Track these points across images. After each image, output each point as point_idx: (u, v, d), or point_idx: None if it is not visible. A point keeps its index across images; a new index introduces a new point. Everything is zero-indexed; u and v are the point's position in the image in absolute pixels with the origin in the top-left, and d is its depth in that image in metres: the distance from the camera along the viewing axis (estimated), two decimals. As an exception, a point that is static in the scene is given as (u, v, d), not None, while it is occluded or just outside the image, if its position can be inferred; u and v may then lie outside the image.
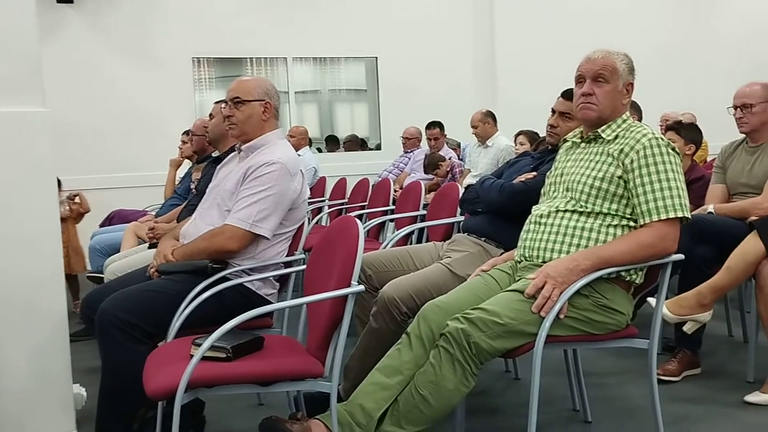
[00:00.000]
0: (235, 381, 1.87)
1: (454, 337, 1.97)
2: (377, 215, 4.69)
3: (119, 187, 6.43)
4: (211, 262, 2.44)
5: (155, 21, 6.81)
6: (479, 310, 2.02)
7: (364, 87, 7.98)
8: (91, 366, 2.96)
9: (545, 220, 2.26)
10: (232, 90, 2.66)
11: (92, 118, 6.56)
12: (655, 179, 2.13)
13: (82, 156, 6.32)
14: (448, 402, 1.99)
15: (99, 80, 6.64)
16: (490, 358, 2.01)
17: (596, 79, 2.27)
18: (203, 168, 3.67)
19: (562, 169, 2.36)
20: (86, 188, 5.58)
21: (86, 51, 6.61)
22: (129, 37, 6.76)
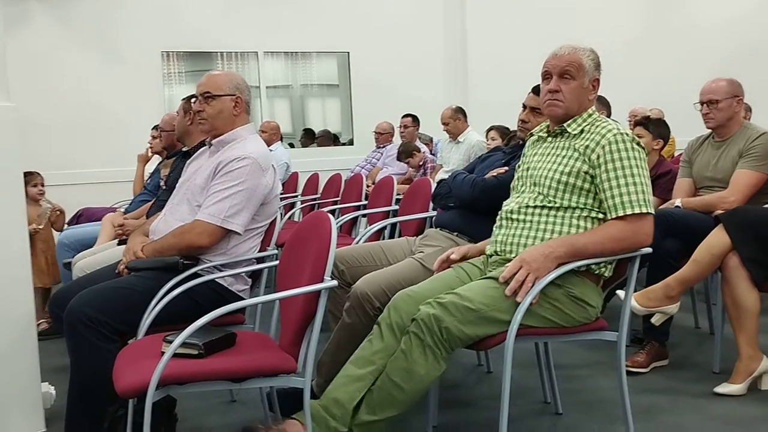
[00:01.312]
0: (207, 378, 1.86)
1: (425, 322, 1.99)
2: (350, 210, 4.68)
3: (86, 183, 6.33)
4: (181, 258, 2.41)
5: (123, 14, 6.70)
6: (452, 295, 2.04)
7: (336, 82, 7.95)
8: (60, 364, 2.92)
9: (515, 216, 2.28)
10: (203, 84, 2.64)
11: (58, 113, 6.44)
12: (620, 174, 2.15)
13: (47, 152, 6.19)
14: (421, 386, 2.01)
15: (65, 74, 6.52)
16: (460, 344, 2.03)
17: (562, 76, 2.29)
18: (172, 163, 3.63)
19: (529, 163, 2.38)
20: (52, 184, 5.49)
21: (51, 44, 6.49)
22: (96, 30, 6.65)
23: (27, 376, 2.57)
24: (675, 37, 8.47)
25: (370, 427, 2.01)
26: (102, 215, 4.44)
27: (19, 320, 2.55)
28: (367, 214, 4.43)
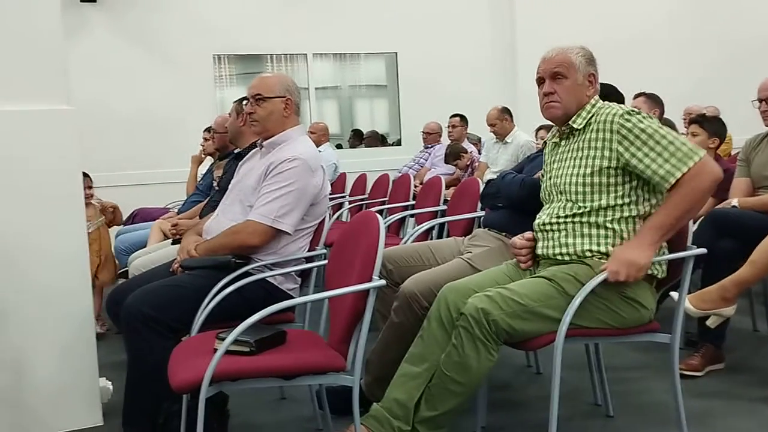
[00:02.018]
0: (258, 375, 1.89)
1: (473, 315, 1.99)
2: (397, 210, 4.69)
3: (141, 184, 6.49)
4: (233, 257, 2.46)
5: (176, 19, 6.86)
6: (501, 288, 2.05)
7: (384, 82, 7.98)
8: (117, 360, 3.01)
9: (548, 227, 2.25)
10: (254, 87, 2.68)
11: (114, 115, 6.62)
12: (652, 144, 2.08)
13: (105, 154, 6.37)
14: (476, 378, 2.03)
15: (121, 78, 6.70)
16: (508, 337, 2.03)
17: (555, 78, 2.28)
18: (225, 164, 3.70)
19: (550, 172, 2.36)
20: (109, 185, 5.68)
21: (109, 49, 6.68)
22: (151, 36, 6.82)
23: (86, 371, 2.66)
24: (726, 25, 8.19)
25: (433, 421, 2.04)
26: (156, 215, 4.56)
27: (78, 317, 2.64)
28: (415, 215, 4.43)
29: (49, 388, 2.60)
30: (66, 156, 2.57)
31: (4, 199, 2.49)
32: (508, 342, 2.07)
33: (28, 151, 2.52)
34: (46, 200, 2.54)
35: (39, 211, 2.54)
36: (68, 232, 2.59)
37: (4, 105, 2.48)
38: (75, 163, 2.60)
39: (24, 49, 2.50)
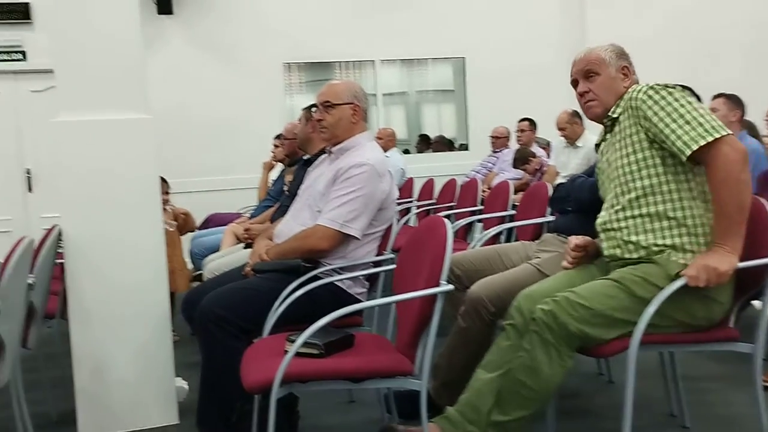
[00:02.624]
0: (327, 377, 1.92)
1: (543, 320, 1.98)
2: (465, 215, 4.67)
3: (215, 190, 6.68)
4: (303, 261, 2.51)
5: (248, 29, 7.03)
6: (567, 293, 2.02)
7: (452, 87, 7.96)
8: (192, 361, 3.10)
9: (609, 226, 2.19)
10: (323, 94, 2.73)
11: (190, 123, 6.83)
12: (675, 117, 2.02)
13: (181, 160, 6.58)
14: (548, 385, 2.00)
15: (195, 87, 6.91)
16: (579, 342, 1.99)
17: (587, 76, 2.28)
18: (294, 170, 3.77)
19: (601, 167, 2.33)
20: (184, 191, 5.87)
21: (184, 59, 6.90)
22: (224, 45, 7.01)
23: (162, 370, 2.76)
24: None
25: (504, 427, 2.02)
26: (229, 220, 4.68)
27: (155, 319, 2.73)
28: (483, 219, 4.40)
29: (128, 386, 2.70)
30: (145, 163, 2.68)
31: (87, 204, 2.61)
32: (579, 348, 2.03)
33: (111, 158, 2.63)
34: (126, 205, 2.65)
35: (119, 215, 2.65)
36: (146, 235, 2.70)
37: (89, 115, 2.60)
38: (153, 169, 2.70)
39: (107, 62, 2.62)
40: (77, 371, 2.64)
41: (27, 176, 6.65)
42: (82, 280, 2.63)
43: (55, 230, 2.74)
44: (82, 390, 2.65)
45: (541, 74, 7.63)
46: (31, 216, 6.64)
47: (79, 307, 2.64)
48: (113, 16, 2.63)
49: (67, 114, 2.60)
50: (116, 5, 2.63)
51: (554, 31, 7.75)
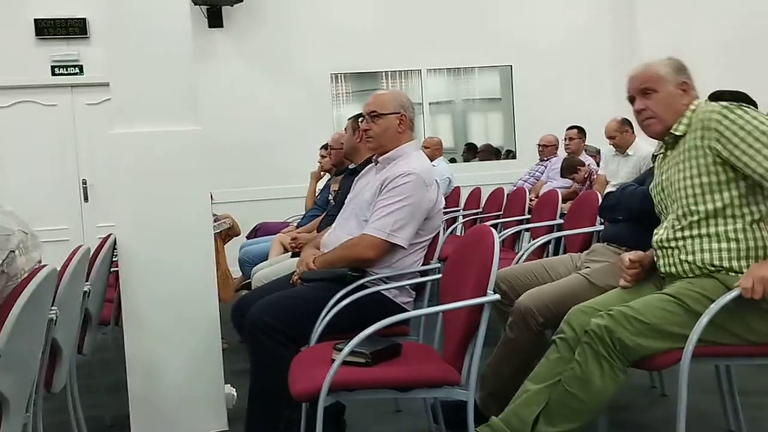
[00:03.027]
0: (374, 386, 1.92)
1: (596, 333, 1.94)
2: (512, 225, 4.63)
3: (263, 199, 6.77)
4: (349, 270, 2.52)
5: (297, 40, 7.12)
6: (623, 307, 1.98)
7: (499, 96, 7.91)
8: (241, 368, 3.14)
9: (667, 244, 2.14)
10: (369, 104, 2.75)
11: (238, 134, 6.94)
12: (751, 141, 1.95)
13: (230, 170, 6.70)
14: (599, 399, 1.97)
15: (244, 98, 7.03)
16: (635, 355, 1.95)
17: (644, 93, 2.21)
18: (341, 180, 3.80)
19: (661, 184, 2.25)
20: (234, 201, 5.97)
21: (234, 71, 7.03)
22: (272, 57, 7.12)
23: (212, 378, 2.80)
24: None
25: None
26: (277, 229, 4.74)
27: (206, 327, 2.78)
28: (531, 229, 4.36)
29: (179, 393, 2.75)
30: (196, 173, 2.73)
31: (140, 214, 2.68)
32: (634, 362, 1.99)
33: (163, 168, 2.69)
34: (177, 215, 2.71)
35: (171, 224, 2.70)
36: (197, 244, 2.75)
37: (143, 127, 2.67)
38: (204, 179, 2.76)
39: (160, 75, 2.69)
40: (131, 377, 2.71)
41: (83, 187, 6.86)
42: (135, 288, 2.69)
43: (110, 239, 2.81)
44: (135, 395, 2.71)
45: (591, 81, 7.53)
46: (87, 225, 6.84)
47: (133, 315, 2.70)
48: (166, 31, 2.69)
49: (121, 126, 2.68)
50: (169, 20, 2.70)
51: (604, 37, 7.65)
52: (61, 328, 2.07)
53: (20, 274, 1.80)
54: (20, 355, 1.75)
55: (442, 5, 7.35)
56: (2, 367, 1.61)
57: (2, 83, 6.58)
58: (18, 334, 1.66)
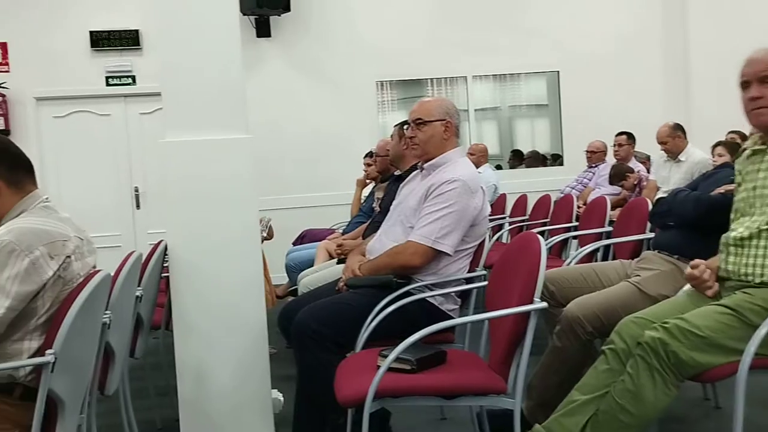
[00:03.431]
0: (419, 392, 1.92)
1: (650, 345, 1.90)
2: (560, 232, 4.57)
3: (310, 206, 6.83)
4: (395, 277, 2.52)
5: (343, 49, 7.18)
6: (678, 320, 1.93)
7: (545, 102, 7.84)
8: (288, 374, 3.17)
9: (747, 242, 2.07)
10: (414, 112, 2.75)
11: (285, 141, 7.03)
12: None
13: (277, 178, 6.79)
14: (649, 413, 1.92)
15: (291, 106, 7.12)
16: (690, 370, 1.91)
17: (763, 81, 2.09)
18: (386, 186, 3.81)
19: (754, 182, 2.15)
20: (281, 208, 6.04)
21: (281, 79, 7.13)
22: (319, 65, 7.19)
23: (260, 383, 2.82)
24: None
25: None
26: (323, 236, 4.77)
27: (253, 333, 2.81)
28: (578, 236, 4.29)
29: (227, 396, 2.78)
30: (244, 180, 2.77)
31: (190, 220, 2.73)
32: (689, 375, 1.94)
33: (212, 176, 2.74)
34: (226, 221, 2.75)
35: (220, 230, 2.74)
36: (245, 250, 2.78)
37: (193, 135, 2.72)
38: (252, 186, 2.79)
39: (210, 85, 2.74)
40: (180, 381, 2.75)
41: (135, 194, 7.04)
42: (184, 293, 2.74)
43: (161, 245, 2.88)
44: (184, 399, 2.76)
45: (640, 86, 7.40)
46: (139, 232, 7.01)
47: (182, 319, 2.75)
48: (216, 42, 2.75)
49: (173, 134, 2.73)
50: (219, 31, 2.75)
51: (654, 41, 7.51)
52: (114, 332, 2.12)
53: (76, 278, 1.85)
54: (75, 358, 1.80)
55: (487, 12, 7.32)
56: (58, 369, 1.66)
57: (59, 93, 6.82)
58: (73, 337, 1.71)
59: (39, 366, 1.67)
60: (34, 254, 1.74)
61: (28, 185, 1.93)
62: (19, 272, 1.72)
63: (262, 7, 6.69)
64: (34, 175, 1.97)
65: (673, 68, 7.48)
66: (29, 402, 1.71)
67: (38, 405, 1.66)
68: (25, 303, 1.74)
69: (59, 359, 1.66)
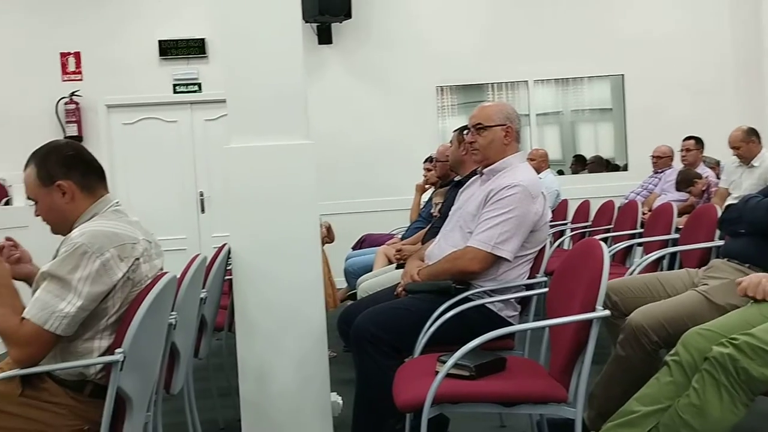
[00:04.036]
0: (478, 399, 1.91)
1: (719, 361, 1.84)
2: (623, 239, 4.47)
3: (369, 211, 6.87)
4: (454, 282, 2.52)
5: (403, 55, 7.20)
6: (747, 336, 1.86)
7: (609, 106, 7.68)
8: (346, 377, 3.19)
9: None
10: (475, 116, 2.74)
11: (346, 147, 7.09)
12: None
13: (337, 182, 6.85)
14: (716, 428, 1.86)
15: (351, 111, 7.18)
16: (763, 387, 1.83)
17: None
18: (446, 192, 3.80)
19: None
20: (341, 212, 6.09)
21: (342, 85, 7.20)
22: (379, 70, 7.23)
23: (319, 385, 2.85)
24: None
25: None
26: (382, 241, 4.79)
27: (313, 336, 2.84)
28: (643, 243, 4.19)
29: (288, 398, 2.82)
30: (306, 185, 2.81)
31: (253, 224, 2.78)
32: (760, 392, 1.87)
33: (275, 181, 2.79)
34: (288, 225, 2.79)
35: (282, 234, 2.79)
36: (306, 254, 2.82)
37: (257, 141, 2.78)
38: (314, 191, 2.83)
39: (273, 91, 2.79)
40: (242, 382, 2.81)
41: (200, 198, 7.22)
42: (247, 295, 2.80)
43: (224, 249, 2.94)
44: (246, 400, 2.81)
45: (710, 90, 7.18)
46: (204, 235, 7.19)
47: (245, 321, 2.80)
48: (279, 50, 2.80)
49: (237, 140, 2.80)
50: (282, 39, 2.80)
51: (724, 43, 7.27)
52: (179, 333, 2.18)
53: (144, 280, 1.91)
54: (143, 357, 1.86)
55: (549, 15, 7.23)
56: (127, 367, 1.72)
57: (129, 101, 7.06)
58: (141, 336, 1.77)
59: (109, 364, 1.74)
60: (104, 256, 1.81)
61: (99, 190, 2.01)
62: (90, 273, 1.79)
63: (324, 15, 6.78)
64: (105, 180, 2.05)
65: (745, 70, 7.23)
66: (99, 399, 1.78)
67: (107, 402, 1.72)
68: (96, 303, 1.81)
69: (128, 358, 1.72)
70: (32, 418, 1.80)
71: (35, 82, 6.94)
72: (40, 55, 6.95)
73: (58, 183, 1.94)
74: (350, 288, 4.53)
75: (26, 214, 2.58)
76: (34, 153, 1.99)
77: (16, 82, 6.94)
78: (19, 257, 2.10)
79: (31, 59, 6.95)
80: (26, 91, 6.93)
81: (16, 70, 6.95)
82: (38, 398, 1.82)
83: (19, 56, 6.95)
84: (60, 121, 6.94)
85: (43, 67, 6.95)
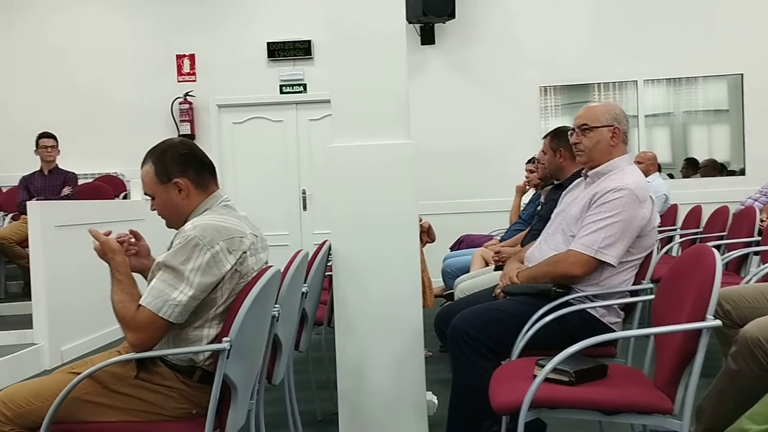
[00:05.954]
0: (577, 405, 1.86)
1: None
2: (738, 246, 4.23)
3: (468, 212, 6.84)
4: (554, 286, 2.47)
5: (505, 55, 7.13)
6: None
7: (726, 107, 7.29)
8: (442, 377, 3.20)
9: None
10: (580, 117, 2.68)
11: (447, 147, 7.09)
12: None
13: (437, 182, 6.87)
14: None
15: (453, 112, 7.17)
16: None
17: None
18: (547, 194, 3.73)
19: None
20: (440, 213, 6.10)
21: (443, 85, 7.20)
22: (482, 71, 7.19)
23: (415, 384, 2.87)
24: None
25: None
26: (481, 242, 4.76)
27: (410, 335, 2.86)
28: (761, 252, 3.95)
29: (384, 395, 2.86)
30: (406, 185, 2.84)
31: (354, 222, 2.83)
32: None
33: (376, 179, 2.83)
34: (387, 224, 2.83)
35: (381, 233, 2.83)
36: (405, 253, 2.84)
37: (359, 140, 2.83)
38: (413, 191, 2.85)
39: (376, 92, 2.84)
40: (340, 376, 2.87)
41: (303, 196, 7.42)
42: (346, 291, 2.85)
43: (325, 245, 3.01)
44: (343, 394, 2.87)
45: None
46: (305, 232, 7.39)
47: (344, 317, 2.86)
48: (383, 51, 2.84)
49: (340, 139, 2.86)
50: (386, 41, 2.83)
51: None
52: (282, 325, 2.26)
53: (250, 273, 1.99)
54: (247, 347, 1.94)
55: (660, 12, 6.95)
56: (233, 356, 1.80)
57: (239, 101, 7.36)
58: (247, 327, 1.84)
59: (216, 352, 1.82)
60: (214, 248, 1.89)
61: (211, 186, 2.11)
62: (201, 264, 1.87)
63: (427, 15, 6.80)
64: (216, 176, 2.14)
65: None
66: (206, 385, 1.87)
67: (214, 388, 1.80)
68: (205, 293, 1.90)
69: (234, 347, 1.80)
70: (145, 399, 1.91)
71: (153, 82, 7.38)
72: (158, 57, 7.38)
73: (175, 180, 2.04)
74: (447, 288, 4.52)
75: (143, 207, 2.75)
76: (151, 151, 2.09)
77: (136, 83, 7.40)
78: (137, 251, 2.22)
79: (150, 61, 7.40)
80: (144, 91, 7.37)
81: (136, 71, 7.41)
82: (151, 381, 1.93)
83: (140, 58, 7.40)
84: (174, 120, 7.33)
85: (161, 68, 7.38)
